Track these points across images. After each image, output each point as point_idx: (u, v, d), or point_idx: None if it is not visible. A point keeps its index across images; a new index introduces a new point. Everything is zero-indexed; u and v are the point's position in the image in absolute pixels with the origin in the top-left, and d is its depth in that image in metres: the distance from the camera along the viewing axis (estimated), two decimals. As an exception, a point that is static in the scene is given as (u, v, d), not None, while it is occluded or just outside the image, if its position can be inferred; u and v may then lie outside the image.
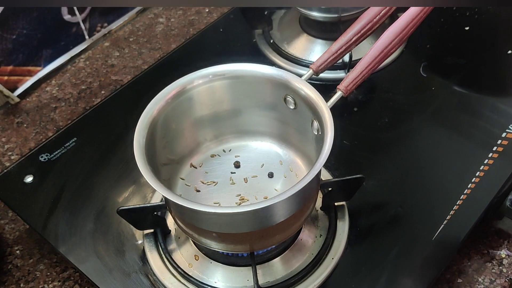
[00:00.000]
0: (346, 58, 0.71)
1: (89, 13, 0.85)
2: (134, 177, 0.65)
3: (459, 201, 0.59)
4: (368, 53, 0.53)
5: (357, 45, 0.55)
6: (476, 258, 0.59)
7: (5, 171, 0.67)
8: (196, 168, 0.59)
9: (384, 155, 0.66)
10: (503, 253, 0.59)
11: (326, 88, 0.53)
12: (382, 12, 0.55)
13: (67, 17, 0.82)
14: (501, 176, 0.60)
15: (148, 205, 0.57)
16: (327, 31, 0.79)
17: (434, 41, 0.81)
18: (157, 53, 0.86)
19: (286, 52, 0.80)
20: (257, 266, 0.54)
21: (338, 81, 0.53)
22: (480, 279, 0.57)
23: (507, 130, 0.65)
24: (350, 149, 0.67)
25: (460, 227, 0.57)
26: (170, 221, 0.60)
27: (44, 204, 0.63)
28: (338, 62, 0.56)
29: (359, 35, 0.55)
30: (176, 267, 0.56)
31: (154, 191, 0.63)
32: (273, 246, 0.55)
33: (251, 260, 0.54)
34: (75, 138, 0.70)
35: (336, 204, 0.60)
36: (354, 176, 0.55)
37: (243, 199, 0.56)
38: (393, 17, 0.58)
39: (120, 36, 0.90)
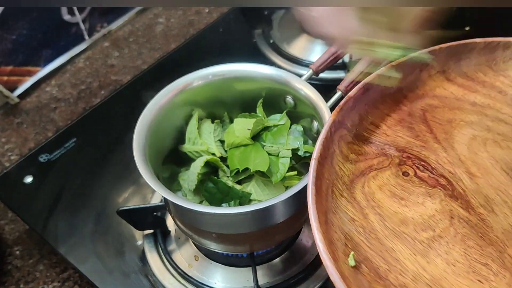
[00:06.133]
0: (346, 58, 0.71)
1: (89, 13, 0.85)
2: (134, 178, 0.65)
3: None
4: (368, 53, 0.53)
5: (357, 45, 0.55)
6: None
7: (5, 171, 0.67)
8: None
9: (384, 155, 0.66)
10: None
11: (326, 88, 0.52)
12: (382, 12, 0.55)
13: (67, 17, 0.82)
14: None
15: (148, 205, 0.57)
16: (327, 31, 0.79)
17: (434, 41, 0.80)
18: (157, 53, 0.86)
19: (286, 52, 0.80)
20: (257, 267, 0.54)
21: (338, 81, 0.53)
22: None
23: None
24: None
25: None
26: (170, 222, 0.60)
27: (44, 204, 0.63)
28: (338, 62, 0.56)
29: (359, 35, 0.54)
30: (176, 267, 0.56)
31: (154, 191, 0.63)
32: (273, 247, 0.55)
33: (251, 260, 0.54)
34: (74, 139, 0.70)
35: (336, 204, 0.59)
36: (354, 177, 0.55)
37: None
38: (393, 17, 0.58)
39: (120, 36, 0.90)
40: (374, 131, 0.51)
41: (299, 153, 0.52)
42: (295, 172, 0.51)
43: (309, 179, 0.43)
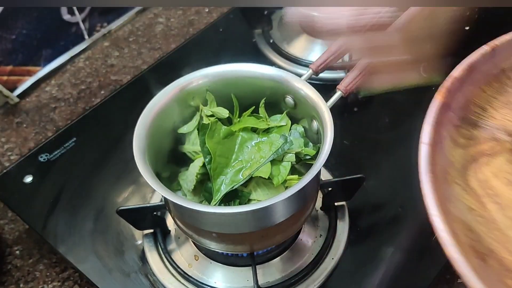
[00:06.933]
0: (346, 58, 0.71)
1: (89, 13, 0.85)
2: (133, 177, 0.65)
3: (459, 201, 0.59)
4: (368, 53, 0.53)
5: (357, 45, 0.55)
6: (476, 258, 0.59)
7: (5, 171, 0.67)
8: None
9: (384, 155, 0.66)
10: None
11: (326, 88, 0.52)
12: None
13: (66, 17, 0.82)
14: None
15: (148, 205, 0.57)
16: (327, 31, 0.79)
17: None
18: (156, 53, 0.86)
19: (286, 52, 0.80)
20: (257, 266, 0.54)
21: (338, 81, 0.53)
22: (480, 279, 0.57)
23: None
24: (350, 149, 0.67)
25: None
26: (169, 221, 0.60)
27: (44, 204, 0.63)
28: (338, 62, 0.56)
29: (359, 35, 0.54)
30: (176, 267, 0.56)
31: (153, 191, 0.63)
32: (273, 246, 0.55)
33: (251, 260, 0.54)
34: (74, 138, 0.70)
35: (336, 204, 0.60)
36: (354, 176, 0.55)
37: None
38: (393, 17, 0.58)
39: (119, 36, 0.90)
40: (482, 114, 0.47)
41: (300, 156, 0.52)
42: (296, 176, 0.51)
43: (421, 166, 0.40)
